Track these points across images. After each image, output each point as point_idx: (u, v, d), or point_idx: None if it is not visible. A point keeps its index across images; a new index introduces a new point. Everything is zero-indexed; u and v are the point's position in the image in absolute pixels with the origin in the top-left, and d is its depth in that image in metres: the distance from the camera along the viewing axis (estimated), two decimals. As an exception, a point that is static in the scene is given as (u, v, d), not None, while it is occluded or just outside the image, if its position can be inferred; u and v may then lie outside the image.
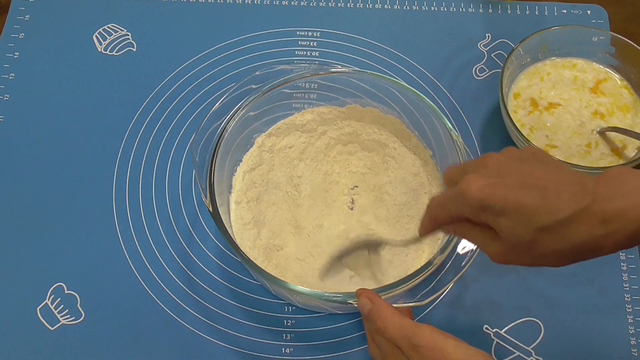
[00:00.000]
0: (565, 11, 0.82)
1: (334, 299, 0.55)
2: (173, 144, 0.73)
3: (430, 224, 0.50)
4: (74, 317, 0.64)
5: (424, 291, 0.62)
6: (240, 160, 0.68)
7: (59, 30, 0.80)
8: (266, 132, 0.69)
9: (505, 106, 0.69)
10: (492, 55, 0.79)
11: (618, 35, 0.72)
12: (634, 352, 0.63)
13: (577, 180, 0.43)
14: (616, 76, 0.74)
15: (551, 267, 0.45)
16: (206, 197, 0.58)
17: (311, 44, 0.80)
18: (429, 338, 0.47)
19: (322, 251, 0.64)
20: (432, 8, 0.83)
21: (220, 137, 0.62)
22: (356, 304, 0.53)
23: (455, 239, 0.57)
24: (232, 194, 0.66)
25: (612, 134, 0.70)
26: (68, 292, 0.65)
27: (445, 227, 0.49)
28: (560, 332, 0.64)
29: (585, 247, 0.42)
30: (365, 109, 0.69)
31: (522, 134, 0.67)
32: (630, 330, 0.64)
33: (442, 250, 0.57)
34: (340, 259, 0.63)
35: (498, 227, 0.44)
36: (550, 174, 0.44)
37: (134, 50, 0.79)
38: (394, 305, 0.52)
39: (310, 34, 0.80)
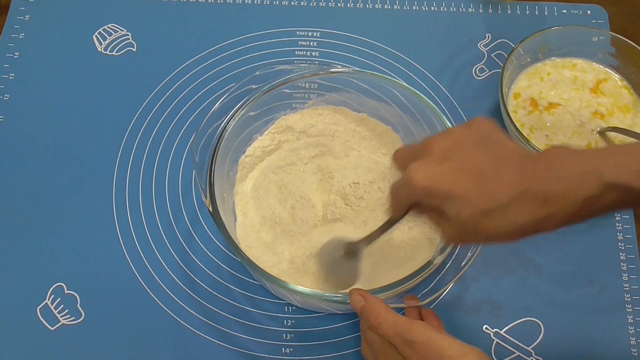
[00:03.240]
0: (565, 11, 0.82)
1: (334, 299, 0.55)
2: (173, 144, 0.73)
3: (393, 210, 0.51)
4: (74, 317, 0.64)
5: (424, 291, 0.62)
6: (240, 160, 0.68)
7: (59, 30, 0.80)
8: (264, 133, 0.69)
9: (505, 106, 0.69)
10: (492, 55, 0.79)
11: (618, 35, 0.72)
12: (634, 352, 0.63)
13: (517, 163, 0.44)
14: (616, 76, 0.74)
15: (501, 244, 0.46)
16: (206, 197, 0.58)
17: (311, 44, 0.80)
18: (423, 334, 0.47)
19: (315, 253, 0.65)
20: (432, 8, 0.83)
21: (220, 137, 0.62)
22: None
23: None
24: (231, 193, 0.66)
25: (612, 134, 0.70)
26: (68, 292, 0.65)
27: (408, 212, 0.50)
28: (560, 332, 0.64)
29: (527, 227, 0.44)
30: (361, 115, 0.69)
31: (522, 134, 0.67)
32: (630, 330, 0.64)
33: (442, 250, 0.57)
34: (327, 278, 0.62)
35: (445, 213, 0.45)
36: (491, 155, 0.45)
37: (134, 50, 0.79)
38: (391, 305, 0.52)
39: (310, 34, 0.80)
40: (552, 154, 0.44)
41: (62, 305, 0.65)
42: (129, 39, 0.80)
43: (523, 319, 0.65)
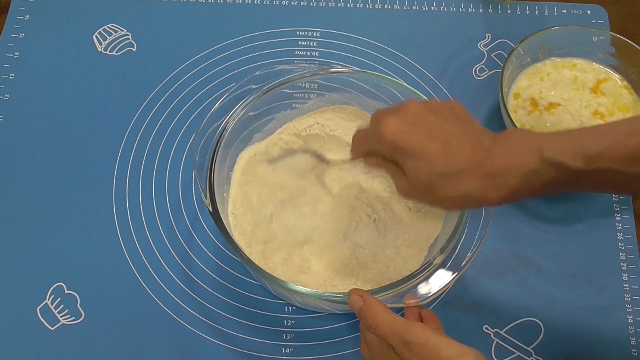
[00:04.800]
0: (565, 11, 0.82)
1: (334, 299, 0.55)
2: (173, 144, 0.73)
3: (355, 153, 0.55)
4: (74, 317, 0.64)
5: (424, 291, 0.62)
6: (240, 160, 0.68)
7: (59, 30, 0.80)
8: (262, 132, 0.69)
9: (505, 106, 0.69)
10: (492, 55, 0.79)
11: (618, 35, 0.72)
12: (634, 352, 0.63)
13: (477, 137, 0.48)
14: (616, 76, 0.74)
15: (444, 209, 0.53)
16: (206, 197, 0.58)
17: (311, 44, 0.80)
18: (421, 335, 0.47)
19: (316, 250, 0.64)
20: (432, 8, 0.83)
21: (220, 137, 0.62)
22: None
23: (454, 240, 0.57)
24: (231, 193, 0.66)
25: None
26: (68, 292, 0.65)
27: (366, 159, 0.54)
28: (560, 332, 0.64)
29: (472, 196, 0.48)
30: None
31: (522, 134, 0.67)
32: (630, 330, 0.64)
33: (442, 250, 0.57)
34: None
35: (404, 167, 0.49)
36: (458, 128, 0.49)
37: (134, 50, 0.79)
38: (391, 305, 0.52)
39: (310, 34, 0.80)
40: (509, 133, 0.48)
41: (62, 305, 0.65)
42: (129, 39, 0.80)
43: (523, 319, 0.65)
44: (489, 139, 0.48)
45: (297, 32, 0.80)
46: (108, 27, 0.80)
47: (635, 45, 0.71)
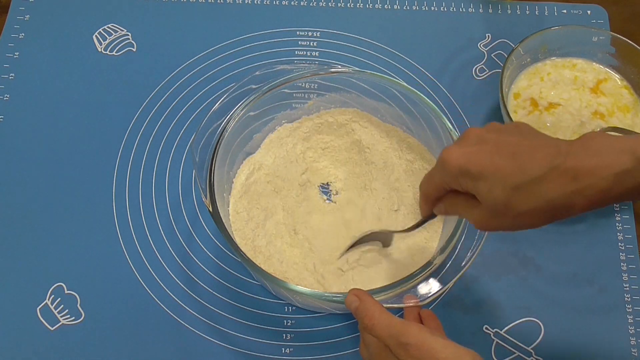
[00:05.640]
0: (565, 11, 0.82)
1: (334, 299, 0.55)
2: (173, 144, 0.73)
3: (424, 201, 0.52)
4: (74, 317, 0.64)
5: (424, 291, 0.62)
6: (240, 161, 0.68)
7: (59, 30, 0.80)
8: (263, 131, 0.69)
9: (505, 106, 0.68)
10: (492, 55, 0.79)
11: (618, 35, 0.72)
12: (634, 352, 0.63)
13: (552, 143, 0.45)
14: (616, 76, 0.74)
15: (530, 228, 0.46)
16: (206, 197, 0.58)
17: (311, 44, 0.80)
18: (417, 336, 0.47)
19: (318, 251, 0.65)
20: (432, 8, 0.83)
21: (220, 137, 0.62)
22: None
23: (455, 239, 0.57)
24: (232, 194, 0.66)
25: (612, 134, 0.70)
26: (68, 292, 0.65)
27: (437, 207, 0.52)
28: (560, 332, 0.64)
29: (557, 203, 0.44)
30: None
31: (522, 134, 0.67)
32: (630, 330, 0.64)
33: (442, 250, 0.57)
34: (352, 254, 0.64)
35: (477, 192, 0.46)
36: (526, 139, 0.46)
37: (134, 50, 0.79)
38: (390, 305, 0.52)
39: (310, 34, 0.80)
40: (589, 136, 0.45)
41: (62, 305, 0.65)
42: (129, 39, 0.80)
43: (523, 319, 0.65)
44: (565, 144, 0.45)
45: (297, 32, 0.80)
46: (108, 27, 0.80)
47: (635, 45, 0.71)
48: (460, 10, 0.83)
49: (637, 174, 0.43)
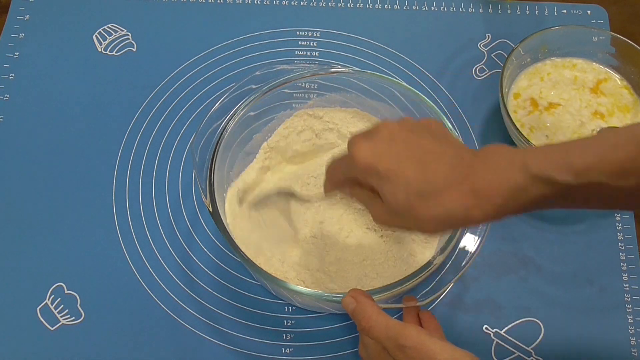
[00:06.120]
0: (565, 11, 0.82)
1: (334, 299, 0.55)
2: (173, 144, 0.73)
3: (329, 184, 0.53)
4: (74, 317, 0.64)
5: (424, 291, 0.62)
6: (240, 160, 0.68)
7: (59, 30, 0.80)
8: (263, 132, 0.69)
9: (505, 106, 0.68)
10: (492, 55, 0.79)
11: (618, 35, 0.72)
12: (634, 352, 0.63)
13: (457, 154, 0.46)
14: (616, 76, 0.74)
15: (427, 233, 0.49)
16: (206, 197, 0.58)
17: (311, 44, 0.80)
18: (416, 338, 0.47)
19: (319, 251, 0.65)
20: (432, 8, 0.83)
21: (220, 137, 0.62)
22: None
23: (455, 239, 0.57)
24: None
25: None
26: (68, 292, 0.65)
27: (341, 188, 0.52)
28: (560, 332, 0.64)
29: (456, 214, 0.45)
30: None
31: (522, 134, 0.67)
32: (630, 330, 0.64)
33: (442, 250, 0.57)
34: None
35: (380, 191, 0.46)
36: (435, 145, 0.47)
37: (134, 50, 0.79)
38: (390, 305, 0.52)
39: (310, 34, 0.80)
40: (491, 149, 0.46)
41: (62, 305, 0.65)
42: (129, 39, 0.80)
43: (523, 319, 0.65)
44: (469, 155, 0.46)
45: (297, 32, 0.80)
46: (108, 27, 0.80)
47: (635, 45, 0.71)
48: (460, 10, 0.83)
49: (530, 190, 0.43)
